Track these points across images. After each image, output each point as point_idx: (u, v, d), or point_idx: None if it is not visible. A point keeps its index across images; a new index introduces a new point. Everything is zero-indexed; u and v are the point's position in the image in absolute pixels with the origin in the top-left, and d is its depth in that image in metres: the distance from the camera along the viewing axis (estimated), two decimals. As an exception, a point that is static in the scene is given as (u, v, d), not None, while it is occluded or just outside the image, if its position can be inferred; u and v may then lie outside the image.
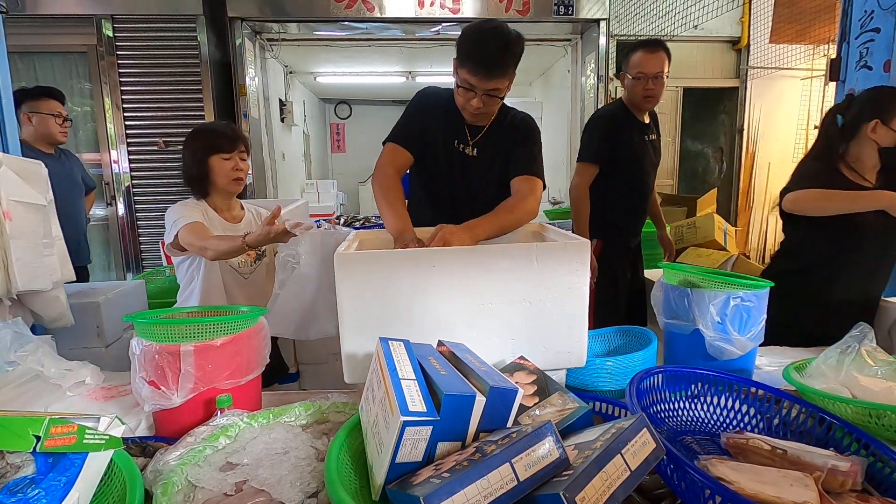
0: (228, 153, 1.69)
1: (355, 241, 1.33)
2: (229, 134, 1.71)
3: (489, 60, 1.37)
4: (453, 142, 1.59)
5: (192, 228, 1.60)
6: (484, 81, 1.39)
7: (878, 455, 0.82)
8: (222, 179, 1.71)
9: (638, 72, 2.16)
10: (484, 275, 1.02)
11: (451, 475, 0.60)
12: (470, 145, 1.59)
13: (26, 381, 1.17)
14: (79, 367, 1.31)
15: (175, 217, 1.65)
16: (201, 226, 1.63)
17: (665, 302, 1.30)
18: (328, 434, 0.95)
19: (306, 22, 4.27)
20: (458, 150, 1.60)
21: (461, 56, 1.42)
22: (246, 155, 1.74)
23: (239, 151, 1.72)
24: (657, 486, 0.78)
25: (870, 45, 2.04)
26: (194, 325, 1.02)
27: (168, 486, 0.75)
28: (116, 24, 3.94)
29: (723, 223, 3.72)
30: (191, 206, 1.72)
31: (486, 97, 1.43)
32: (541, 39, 4.78)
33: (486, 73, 1.38)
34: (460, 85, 1.45)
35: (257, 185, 4.57)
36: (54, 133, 2.47)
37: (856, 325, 1.15)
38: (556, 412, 0.84)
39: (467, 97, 1.45)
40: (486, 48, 1.36)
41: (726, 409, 1.00)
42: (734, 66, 5.34)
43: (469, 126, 1.59)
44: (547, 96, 6.50)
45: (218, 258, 1.62)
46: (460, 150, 1.60)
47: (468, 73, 1.40)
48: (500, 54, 1.37)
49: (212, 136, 1.70)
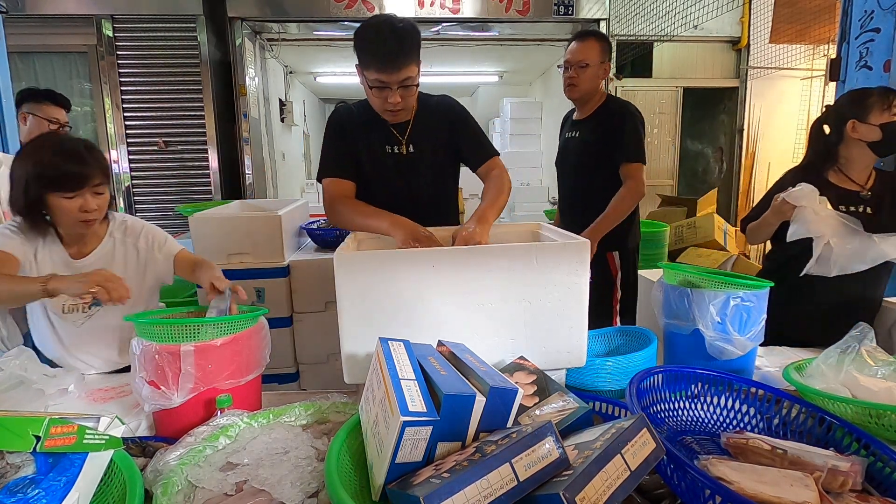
0: (73, 192, 1.24)
1: (355, 241, 1.33)
2: (71, 168, 1.24)
3: (393, 52, 1.34)
4: (384, 147, 1.56)
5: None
6: (394, 74, 1.36)
7: (878, 455, 0.82)
8: (66, 221, 1.29)
9: (564, 60, 2.11)
10: (484, 275, 1.02)
11: (451, 475, 0.60)
12: (403, 144, 1.56)
13: (9, 387, 1.14)
14: (63, 374, 1.27)
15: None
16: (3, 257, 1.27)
17: (665, 302, 1.30)
18: (328, 434, 0.95)
19: (306, 22, 4.28)
20: (392, 154, 1.56)
21: (363, 59, 1.38)
22: (104, 187, 1.30)
23: (92, 186, 1.27)
24: (657, 486, 0.78)
25: (870, 45, 2.03)
26: (194, 325, 1.02)
27: (168, 486, 0.75)
28: (116, 24, 3.94)
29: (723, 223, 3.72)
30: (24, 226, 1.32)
31: (401, 90, 1.40)
32: (541, 39, 4.79)
33: (394, 65, 1.35)
34: (372, 86, 1.40)
35: (257, 185, 4.57)
36: None
37: (856, 325, 1.15)
38: (556, 412, 0.84)
39: (383, 96, 1.40)
40: (385, 42, 1.34)
41: (726, 409, 1.00)
42: (734, 66, 5.33)
43: (394, 126, 1.56)
44: (547, 96, 6.50)
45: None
46: (395, 153, 1.56)
47: (376, 71, 1.36)
48: (400, 43, 1.34)
49: (46, 168, 1.23)
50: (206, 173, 4.21)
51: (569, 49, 2.11)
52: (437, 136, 1.59)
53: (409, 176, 1.58)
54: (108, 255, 1.41)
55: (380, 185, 1.57)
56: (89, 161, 1.26)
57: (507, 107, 6.63)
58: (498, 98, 7.19)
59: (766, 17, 5.03)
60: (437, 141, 1.59)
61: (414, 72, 1.40)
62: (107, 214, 1.41)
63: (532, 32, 4.63)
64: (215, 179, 4.22)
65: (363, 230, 1.37)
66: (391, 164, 1.56)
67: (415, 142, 1.57)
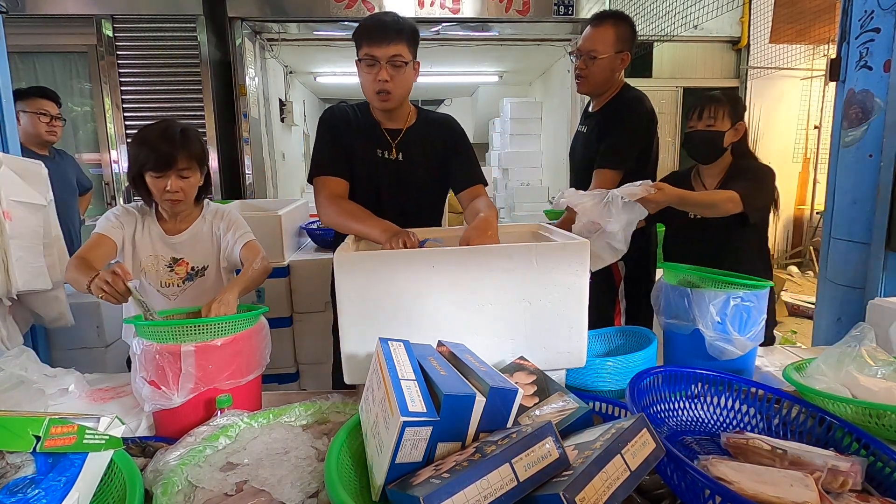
0: (160, 172, 1.39)
1: (355, 241, 1.33)
2: (162, 149, 1.38)
3: (384, 27, 1.42)
4: (375, 151, 1.56)
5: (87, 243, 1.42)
6: (384, 47, 1.41)
7: (878, 455, 0.82)
8: (157, 197, 1.45)
9: (576, 49, 1.89)
10: (484, 275, 1.02)
11: (450, 475, 0.60)
12: (392, 149, 1.57)
13: (9, 387, 1.14)
14: (63, 374, 1.27)
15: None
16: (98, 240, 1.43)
17: (665, 302, 1.30)
18: (328, 434, 0.95)
19: (306, 22, 4.27)
20: (382, 158, 1.57)
21: (358, 39, 1.46)
22: (191, 171, 1.44)
23: (177, 169, 1.40)
24: (657, 486, 0.78)
25: (870, 45, 2.03)
26: (195, 325, 1.02)
27: (168, 486, 0.75)
28: (116, 24, 3.94)
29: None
30: (122, 212, 1.51)
31: (391, 67, 1.43)
32: (541, 39, 4.78)
33: (384, 38, 1.41)
34: (364, 62, 1.45)
35: (257, 185, 4.57)
36: (41, 132, 2.45)
37: (856, 325, 1.15)
38: (556, 412, 0.84)
39: (373, 73, 1.44)
40: (379, 20, 1.44)
41: (726, 409, 1.00)
42: (734, 66, 5.34)
43: (387, 130, 1.57)
44: (547, 96, 6.50)
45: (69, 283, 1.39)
46: (385, 158, 1.57)
47: (367, 45, 1.43)
48: (394, 20, 1.44)
49: (143, 148, 1.40)
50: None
51: (582, 35, 1.89)
52: (429, 149, 1.59)
53: (397, 183, 1.58)
54: (197, 234, 1.55)
55: (369, 188, 1.57)
56: (178, 145, 1.40)
57: (507, 107, 6.62)
58: (498, 98, 7.18)
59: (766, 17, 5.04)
60: (429, 154, 1.59)
61: (403, 50, 1.43)
62: (203, 200, 1.58)
63: (532, 32, 4.63)
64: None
65: (353, 234, 1.36)
66: (381, 169, 1.57)
67: (405, 150, 1.58)
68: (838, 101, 2.21)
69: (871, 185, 2.02)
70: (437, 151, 1.60)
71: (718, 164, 1.75)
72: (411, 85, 1.52)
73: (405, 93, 1.52)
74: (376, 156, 1.56)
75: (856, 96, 2.09)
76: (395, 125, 1.58)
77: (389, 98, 1.48)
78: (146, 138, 1.40)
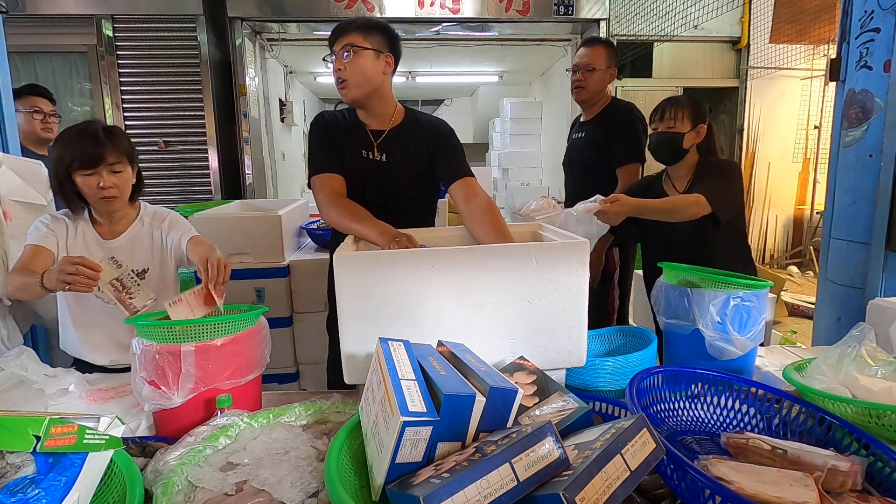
0: (90, 169, 1.35)
1: (355, 241, 1.33)
2: (88, 146, 1.34)
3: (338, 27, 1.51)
4: (360, 152, 1.58)
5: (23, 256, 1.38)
6: (338, 42, 1.48)
7: (878, 455, 0.82)
8: (90, 197, 1.40)
9: (573, 64, 2.26)
10: (483, 275, 1.02)
11: (450, 475, 0.60)
12: (374, 149, 1.58)
13: (9, 387, 1.14)
14: (63, 374, 1.26)
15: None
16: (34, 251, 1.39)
17: (665, 302, 1.30)
18: (328, 434, 0.95)
19: (306, 22, 4.28)
20: (368, 160, 1.58)
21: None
22: (122, 166, 1.40)
23: (108, 164, 1.37)
24: (657, 486, 0.78)
25: (870, 45, 2.03)
26: (195, 325, 1.02)
27: (168, 486, 0.75)
28: (116, 24, 3.94)
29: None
30: (50, 220, 1.45)
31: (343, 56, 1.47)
32: (541, 39, 4.79)
33: (337, 34, 1.49)
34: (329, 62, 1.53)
35: (257, 185, 4.57)
36: (36, 129, 2.45)
37: (856, 325, 1.15)
38: (555, 412, 0.84)
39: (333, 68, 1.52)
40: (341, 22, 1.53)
41: (726, 409, 1.00)
42: (734, 66, 5.34)
43: (372, 131, 1.59)
44: (547, 96, 6.50)
45: (16, 297, 1.37)
46: (370, 159, 1.58)
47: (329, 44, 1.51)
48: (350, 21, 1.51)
49: (67, 148, 1.35)
50: (206, 173, 4.21)
51: (577, 53, 2.26)
52: (413, 150, 1.59)
53: (381, 184, 1.59)
54: (135, 236, 1.51)
55: (355, 189, 1.57)
56: (104, 141, 1.36)
57: (507, 107, 6.63)
58: (498, 98, 7.19)
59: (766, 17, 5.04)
60: (412, 154, 1.59)
61: (357, 40, 1.47)
62: (139, 202, 1.54)
63: (532, 32, 4.64)
64: (215, 179, 4.22)
65: (352, 234, 1.36)
66: (367, 170, 1.58)
67: (388, 150, 1.59)
68: (838, 101, 2.21)
69: (871, 185, 2.02)
70: (422, 152, 1.60)
71: (684, 165, 1.75)
72: (372, 74, 1.50)
73: (363, 81, 1.50)
74: (361, 156, 1.58)
75: (856, 96, 2.09)
76: (379, 126, 1.59)
77: (346, 86, 1.50)
78: (69, 138, 1.36)
